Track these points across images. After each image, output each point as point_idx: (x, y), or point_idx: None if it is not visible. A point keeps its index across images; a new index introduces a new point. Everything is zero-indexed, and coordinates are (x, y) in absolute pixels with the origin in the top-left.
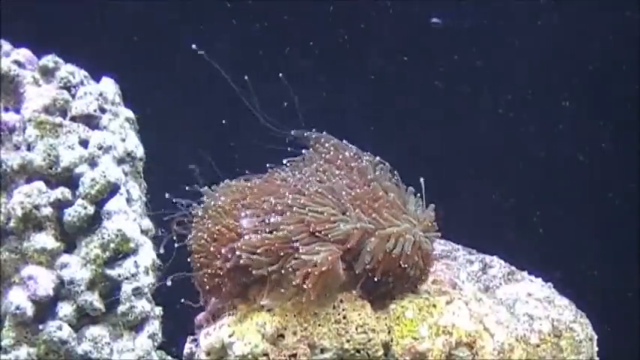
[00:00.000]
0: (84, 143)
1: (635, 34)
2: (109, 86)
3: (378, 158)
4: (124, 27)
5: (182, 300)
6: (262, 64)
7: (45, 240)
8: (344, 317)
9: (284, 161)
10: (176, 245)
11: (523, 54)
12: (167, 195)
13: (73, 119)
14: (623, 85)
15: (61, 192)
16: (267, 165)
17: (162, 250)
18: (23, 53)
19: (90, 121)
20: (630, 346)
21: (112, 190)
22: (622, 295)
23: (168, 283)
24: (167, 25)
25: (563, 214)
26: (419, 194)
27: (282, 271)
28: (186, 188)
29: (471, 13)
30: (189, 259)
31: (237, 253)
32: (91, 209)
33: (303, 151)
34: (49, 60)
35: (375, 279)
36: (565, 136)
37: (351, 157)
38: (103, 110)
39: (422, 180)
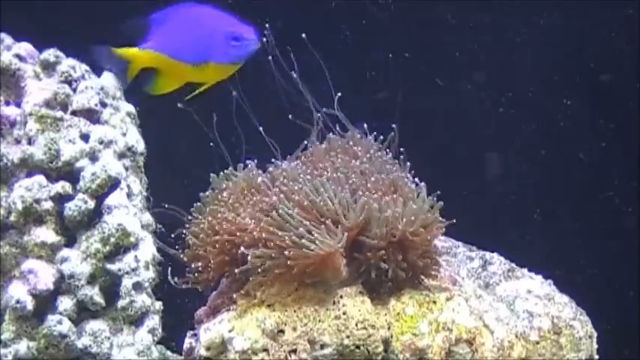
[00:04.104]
0: (85, 137)
1: (636, 32)
2: (110, 80)
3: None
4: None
5: (183, 296)
6: (263, 62)
7: (45, 234)
8: (344, 313)
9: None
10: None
11: (524, 52)
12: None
13: (74, 113)
14: (624, 83)
15: (62, 186)
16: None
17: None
18: (24, 47)
19: (91, 115)
20: (630, 344)
21: (113, 184)
22: (622, 293)
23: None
24: None
25: (563, 212)
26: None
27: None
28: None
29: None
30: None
31: (241, 250)
32: (91, 203)
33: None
34: (50, 54)
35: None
36: (566, 134)
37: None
38: (103, 104)
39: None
